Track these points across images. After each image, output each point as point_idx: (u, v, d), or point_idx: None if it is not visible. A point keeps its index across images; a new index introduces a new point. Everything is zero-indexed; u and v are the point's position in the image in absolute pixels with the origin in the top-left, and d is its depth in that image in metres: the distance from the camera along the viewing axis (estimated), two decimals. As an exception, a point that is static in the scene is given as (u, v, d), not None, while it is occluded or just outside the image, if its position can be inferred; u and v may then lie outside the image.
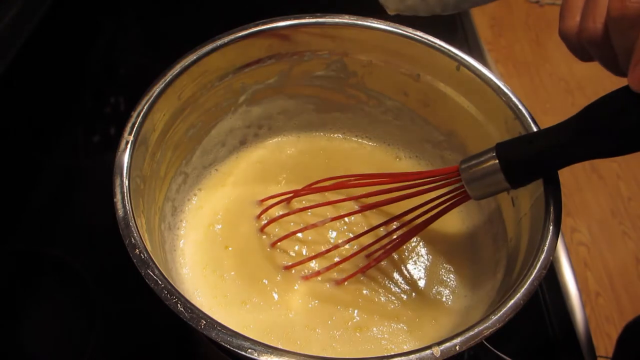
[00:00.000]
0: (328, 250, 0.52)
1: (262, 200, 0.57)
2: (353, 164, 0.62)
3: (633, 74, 0.34)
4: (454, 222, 0.57)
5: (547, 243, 0.41)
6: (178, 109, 0.51)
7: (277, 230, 0.55)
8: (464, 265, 0.55)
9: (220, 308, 0.50)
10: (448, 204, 0.47)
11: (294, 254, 0.54)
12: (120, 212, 0.41)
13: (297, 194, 0.55)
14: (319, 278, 0.52)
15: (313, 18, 0.54)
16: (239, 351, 0.35)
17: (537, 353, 0.60)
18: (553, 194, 0.44)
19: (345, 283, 0.52)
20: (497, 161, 0.43)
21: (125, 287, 0.59)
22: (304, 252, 0.54)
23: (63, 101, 0.80)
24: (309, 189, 0.55)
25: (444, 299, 0.52)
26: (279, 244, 0.54)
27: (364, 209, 0.55)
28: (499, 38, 2.22)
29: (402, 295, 0.52)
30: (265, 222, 0.55)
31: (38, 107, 0.79)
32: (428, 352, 0.36)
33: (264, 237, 0.55)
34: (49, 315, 0.60)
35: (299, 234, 0.54)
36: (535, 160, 0.42)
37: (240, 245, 0.54)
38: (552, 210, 0.43)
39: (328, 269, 0.52)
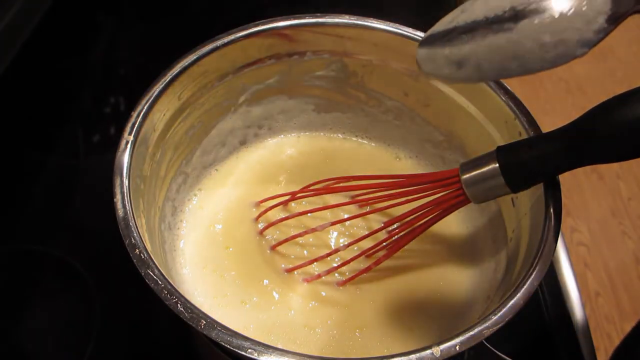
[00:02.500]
0: (329, 254, 0.52)
1: (260, 202, 0.57)
2: (353, 164, 0.62)
3: None
4: (454, 222, 0.57)
5: (547, 243, 0.41)
6: (178, 109, 0.51)
7: (277, 232, 0.55)
8: (464, 265, 0.55)
9: (220, 308, 0.50)
10: (448, 206, 0.47)
11: (294, 256, 0.54)
12: (120, 212, 0.41)
13: (294, 196, 0.55)
14: (320, 280, 0.52)
15: (313, 18, 0.54)
16: (239, 351, 0.35)
17: (537, 353, 0.60)
18: (553, 194, 0.44)
19: (347, 284, 0.52)
20: (498, 165, 0.42)
21: (125, 287, 0.59)
22: (305, 254, 0.54)
23: (63, 101, 0.80)
24: (307, 191, 0.55)
25: (444, 299, 0.52)
26: (279, 246, 0.54)
27: (364, 212, 0.55)
28: (499, 38, 2.22)
29: (402, 295, 0.52)
30: (264, 225, 0.55)
31: (38, 107, 0.79)
32: (428, 352, 0.36)
33: (265, 238, 0.55)
34: (49, 315, 0.60)
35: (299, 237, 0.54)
36: (536, 164, 0.42)
37: (240, 245, 0.54)
38: (552, 210, 0.43)
39: (329, 272, 0.52)
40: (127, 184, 0.43)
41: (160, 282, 0.38)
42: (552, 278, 0.64)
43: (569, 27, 0.33)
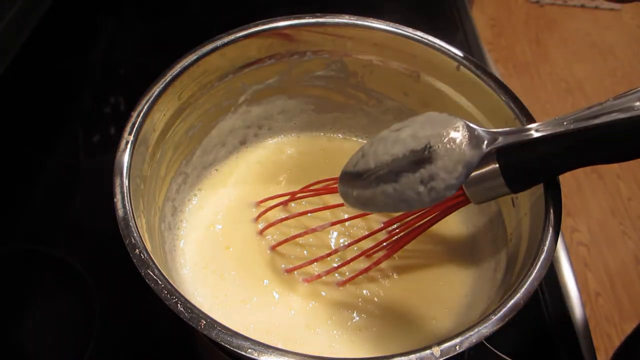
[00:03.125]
0: (329, 254, 0.52)
1: (260, 202, 0.57)
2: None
3: None
4: (454, 222, 0.57)
5: (547, 243, 0.41)
6: (178, 109, 0.51)
7: (277, 232, 0.55)
8: (464, 265, 0.55)
9: (220, 308, 0.50)
10: (448, 207, 0.47)
11: (294, 257, 0.54)
12: (120, 212, 0.41)
13: (294, 196, 0.55)
14: (320, 280, 0.52)
15: (313, 18, 0.54)
16: (239, 351, 0.35)
17: (537, 353, 0.60)
18: (553, 194, 0.44)
19: (347, 285, 0.52)
20: (497, 165, 0.42)
21: (125, 287, 0.59)
22: (305, 254, 0.54)
23: (63, 101, 0.80)
24: (307, 191, 0.55)
25: (444, 299, 0.52)
26: (279, 246, 0.54)
27: (364, 212, 0.55)
28: (499, 38, 2.22)
29: (402, 296, 0.52)
30: (264, 225, 0.55)
31: (38, 107, 0.79)
32: (428, 352, 0.36)
33: (265, 238, 0.55)
34: (49, 315, 0.60)
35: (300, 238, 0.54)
36: (536, 165, 0.42)
37: (240, 245, 0.54)
38: (552, 210, 0.43)
39: (329, 272, 0.52)
40: (127, 184, 0.43)
41: (160, 282, 0.38)
42: (552, 278, 0.64)
43: (436, 178, 0.39)
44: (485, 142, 0.40)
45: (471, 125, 0.40)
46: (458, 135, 0.39)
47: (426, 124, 0.41)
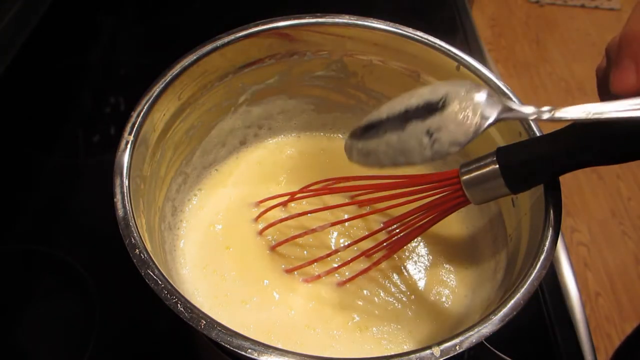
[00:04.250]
0: (329, 255, 0.52)
1: (260, 202, 0.57)
2: (353, 165, 0.61)
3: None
4: (454, 222, 0.57)
5: (547, 243, 0.41)
6: (178, 109, 0.51)
7: (277, 232, 0.55)
8: (464, 265, 0.55)
9: (220, 308, 0.50)
10: (448, 207, 0.47)
11: (294, 257, 0.54)
12: (120, 212, 0.41)
13: (293, 196, 0.55)
14: (320, 280, 0.52)
15: (313, 18, 0.54)
16: (239, 351, 0.35)
17: (537, 353, 0.60)
18: (553, 194, 0.44)
19: (347, 285, 0.52)
20: (497, 166, 0.42)
21: (125, 287, 0.59)
22: (305, 254, 0.54)
23: (63, 101, 0.80)
24: (307, 191, 0.55)
25: (444, 299, 0.52)
26: (279, 246, 0.54)
27: (364, 212, 0.55)
28: (499, 38, 2.22)
29: (402, 296, 0.52)
30: (264, 225, 0.55)
31: (38, 107, 0.79)
32: (428, 352, 0.36)
33: (265, 238, 0.55)
34: (49, 315, 0.60)
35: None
36: (536, 166, 0.42)
37: (241, 245, 0.54)
38: (552, 210, 0.43)
39: (329, 272, 0.52)
40: (127, 184, 0.43)
41: (160, 282, 0.38)
42: (552, 278, 0.64)
43: (443, 129, 0.39)
44: (501, 109, 0.39)
45: (491, 92, 0.40)
46: (476, 95, 0.39)
47: (447, 84, 0.41)
